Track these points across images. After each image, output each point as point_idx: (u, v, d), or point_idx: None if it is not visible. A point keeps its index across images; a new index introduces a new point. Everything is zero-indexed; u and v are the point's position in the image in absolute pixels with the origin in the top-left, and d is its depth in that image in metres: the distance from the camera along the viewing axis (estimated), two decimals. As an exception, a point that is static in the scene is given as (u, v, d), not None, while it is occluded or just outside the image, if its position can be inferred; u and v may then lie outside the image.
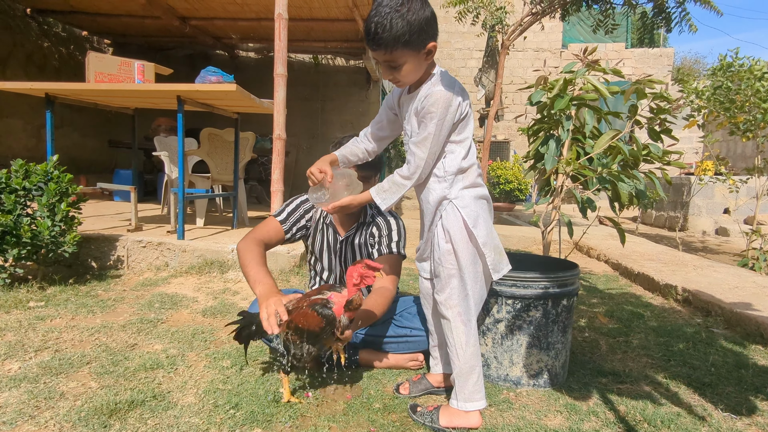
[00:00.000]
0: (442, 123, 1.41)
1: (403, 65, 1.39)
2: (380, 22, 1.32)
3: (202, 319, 2.40)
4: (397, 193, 1.49)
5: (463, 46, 12.56)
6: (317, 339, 1.51)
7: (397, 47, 1.35)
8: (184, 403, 1.54)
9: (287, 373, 1.59)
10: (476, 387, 1.50)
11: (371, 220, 1.97)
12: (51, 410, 1.46)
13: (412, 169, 1.46)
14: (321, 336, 1.50)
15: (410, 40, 1.34)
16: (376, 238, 1.93)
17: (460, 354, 1.49)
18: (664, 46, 12.88)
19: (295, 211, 1.96)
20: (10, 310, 2.35)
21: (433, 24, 1.38)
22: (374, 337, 1.93)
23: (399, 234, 1.94)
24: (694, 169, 7.92)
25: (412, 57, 1.38)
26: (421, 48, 1.37)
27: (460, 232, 1.46)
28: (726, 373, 1.93)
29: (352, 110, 8.50)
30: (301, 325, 1.49)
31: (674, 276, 3.29)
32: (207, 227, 4.02)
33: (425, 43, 1.37)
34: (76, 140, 7.00)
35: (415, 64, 1.40)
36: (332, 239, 1.98)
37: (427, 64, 1.44)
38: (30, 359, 1.82)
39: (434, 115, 1.40)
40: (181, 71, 5.48)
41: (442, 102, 1.40)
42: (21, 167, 2.69)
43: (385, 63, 1.41)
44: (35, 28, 6.39)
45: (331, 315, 1.47)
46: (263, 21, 5.99)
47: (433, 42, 1.39)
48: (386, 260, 1.87)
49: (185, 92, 3.22)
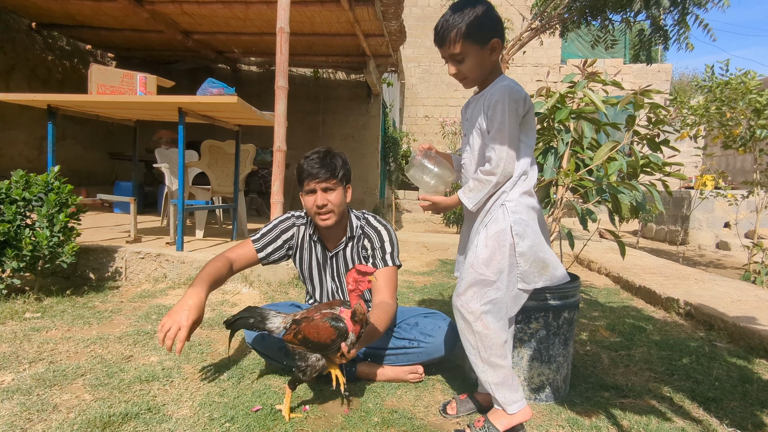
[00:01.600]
0: (511, 111, 1.42)
1: (467, 59, 1.46)
2: (446, 19, 1.46)
3: (199, 331, 2.37)
4: (482, 190, 1.47)
5: (463, 61, 12.67)
6: (326, 352, 1.49)
7: (460, 40, 1.44)
8: (179, 416, 1.52)
9: (293, 388, 1.56)
10: (512, 388, 1.48)
11: (360, 233, 1.94)
12: (43, 423, 1.44)
13: (494, 161, 1.44)
14: (330, 348, 1.48)
15: (472, 33, 1.43)
16: (369, 251, 1.92)
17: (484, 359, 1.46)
18: (662, 62, 13.00)
19: (271, 232, 1.94)
20: (6, 321, 2.33)
21: (495, 22, 1.46)
22: (373, 349, 1.91)
23: (392, 244, 1.92)
24: (693, 183, 7.93)
25: (475, 51, 1.45)
26: (484, 43, 1.45)
27: (503, 239, 1.45)
28: (730, 387, 1.91)
29: (352, 124, 8.54)
30: (312, 337, 1.47)
31: (676, 289, 3.26)
32: (206, 239, 4.01)
33: (488, 38, 1.45)
34: (77, 152, 7.03)
35: (479, 59, 1.47)
36: (321, 255, 1.96)
37: (492, 63, 1.50)
38: (24, 371, 1.79)
39: (500, 102, 1.42)
40: (183, 84, 5.54)
41: (507, 91, 1.43)
42: (21, 178, 2.69)
43: (451, 57, 1.49)
44: (40, 42, 6.47)
45: (344, 328, 1.46)
46: (265, 35, 6.05)
47: (496, 38, 1.46)
48: (383, 273, 1.86)
49: (187, 104, 3.24)
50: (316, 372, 1.52)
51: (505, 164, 1.43)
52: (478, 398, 1.69)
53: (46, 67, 6.55)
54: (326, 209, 1.81)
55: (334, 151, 1.86)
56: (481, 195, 1.47)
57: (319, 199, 1.80)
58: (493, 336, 1.45)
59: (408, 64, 12.54)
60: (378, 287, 1.84)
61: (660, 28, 4.72)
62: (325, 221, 1.83)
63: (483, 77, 1.52)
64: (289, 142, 3.76)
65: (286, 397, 1.55)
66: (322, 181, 1.79)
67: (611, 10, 4.27)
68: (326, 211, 1.82)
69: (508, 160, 1.43)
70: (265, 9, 5.13)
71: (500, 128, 1.43)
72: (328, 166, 1.80)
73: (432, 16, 12.59)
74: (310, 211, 1.85)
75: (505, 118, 1.42)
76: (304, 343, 1.50)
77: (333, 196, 1.82)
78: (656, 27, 4.79)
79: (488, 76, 1.52)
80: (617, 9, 4.19)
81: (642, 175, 2.00)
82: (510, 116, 1.42)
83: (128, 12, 5.35)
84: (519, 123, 1.46)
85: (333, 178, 1.81)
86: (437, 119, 12.28)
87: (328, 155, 1.83)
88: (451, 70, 1.51)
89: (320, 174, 1.78)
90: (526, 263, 1.45)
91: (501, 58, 1.54)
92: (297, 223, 1.97)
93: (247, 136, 5.14)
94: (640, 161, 1.91)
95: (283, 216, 1.99)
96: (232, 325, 1.64)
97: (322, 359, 1.51)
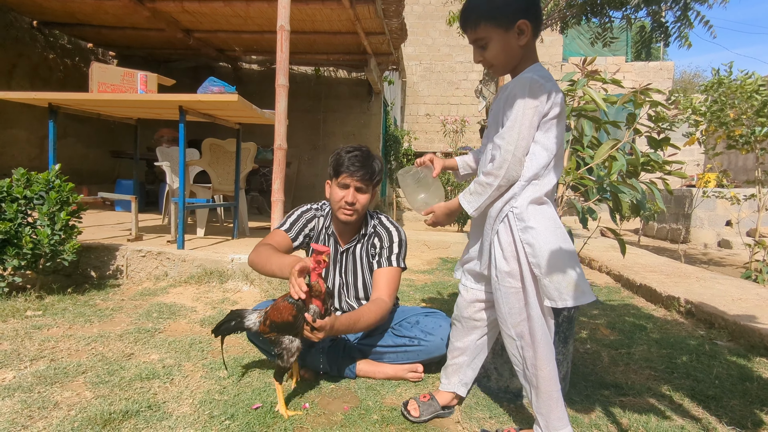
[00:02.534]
0: (527, 108, 1.27)
1: (490, 43, 1.33)
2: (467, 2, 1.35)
3: (200, 329, 2.38)
4: (483, 194, 1.35)
5: (465, 59, 12.66)
6: (294, 329, 1.53)
7: (481, 22, 1.32)
8: (179, 414, 1.52)
9: (280, 381, 1.57)
10: (562, 413, 1.35)
11: (373, 231, 1.97)
12: (44, 420, 1.44)
13: (497, 163, 1.30)
14: (296, 325, 1.52)
15: (494, 15, 1.31)
16: (377, 249, 1.94)
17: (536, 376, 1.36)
18: (664, 60, 12.95)
19: (298, 221, 1.97)
20: (7, 319, 2.34)
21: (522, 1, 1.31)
22: (370, 346, 1.91)
23: (400, 246, 1.94)
24: (695, 181, 7.91)
25: (499, 35, 1.32)
26: (509, 26, 1.31)
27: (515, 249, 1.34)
28: (730, 385, 1.90)
29: (353, 122, 8.54)
30: (277, 318, 1.54)
31: (677, 288, 3.26)
32: (207, 237, 4.01)
33: (513, 20, 1.30)
34: (79, 151, 7.04)
35: (503, 44, 1.33)
36: (332, 250, 1.98)
37: (520, 49, 1.34)
38: (25, 368, 1.80)
39: (517, 97, 1.28)
40: (184, 83, 5.53)
41: (528, 84, 1.28)
42: (23, 176, 2.70)
43: (474, 43, 1.37)
44: (41, 41, 6.47)
45: (300, 301, 1.50)
46: (266, 33, 6.05)
47: (523, 19, 1.30)
48: (385, 273, 1.88)
49: (187, 102, 3.24)
50: (293, 355, 1.56)
51: (509, 167, 1.30)
52: (439, 398, 1.62)
53: (47, 65, 6.55)
54: (353, 207, 1.84)
55: (373, 154, 1.89)
56: (482, 199, 1.36)
57: (350, 196, 1.83)
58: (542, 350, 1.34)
59: (409, 62, 12.52)
60: (378, 285, 1.86)
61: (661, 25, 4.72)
62: (348, 217, 1.86)
63: (511, 64, 1.37)
64: (290, 141, 3.76)
65: (278, 392, 1.56)
66: (359, 180, 1.82)
67: (611, 7, 4.25)
68: (353, 209, 1.85)
69: (513, 163, 1.29)
70: (266, 7, 5.12)
71: (511, 126, 1.29)
72: (369, 168, 1.83)
73: (433, 14, 12.57)
74: (335, 203, 1.87)
75: (518, 114, 1.28)
76: (272, 328, 1.56)
77: (363, 197, 1.86)
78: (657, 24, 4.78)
79: (519, 64, 1.37)
80: (618, 6, 4.17)
81: (643, 173, 2.00)
82: (525, 113, 1.27)
83: (129, 10, 5.35)
84: (538, 121, 1.30)
85: (370, 181, 1.85)
86: (438, 117, 12.26)
87: (370, 157, 1.86)
88: (476, 57, 1.39)
89: (359, 174, 1.81)
90: (544, 276, 1.30)
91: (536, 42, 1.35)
92: (317, 215, 2.00)
93: (248, 134, 5.15)
94: (641, 159, 1.90)
95: (304, 207, 2.01)
96: (218, 332, 1.70)
97: (294, 339, 1.55)
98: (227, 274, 3.17)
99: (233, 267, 3.17)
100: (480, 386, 1.83)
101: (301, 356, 1.82)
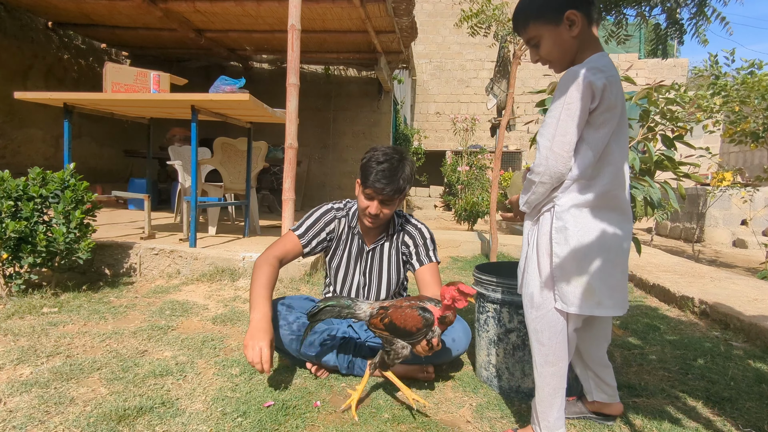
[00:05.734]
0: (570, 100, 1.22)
1: (542, 41, 1.33)
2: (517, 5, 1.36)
3: (212, 326, 2.40)
4: (527, 190, 1.33)
5: (475, 57, 12.61)
6: (411, 339, 1.54)
7: (530, 21, 1.33)
8: (192, 411, 1.54)
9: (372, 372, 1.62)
10: (559, 414, 1.37)
11: (401, 229, 1.99)
12: (60, 415, 1.47)
13: (538, 160, 1.27)
14: (415, 337, 1.53)
15: (541, 12, 1.31)
16: (411, 248, 1.96)
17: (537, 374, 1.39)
18: (677, 57, 12.77)
19: (315, 225, 1.95)
20: (24, 315, 2.38)
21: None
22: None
23: (433, 242, 1.98)
24: (710, 179, 7.79)
25: (549, 30, 1.31)
26: (557, 19, 1.29)
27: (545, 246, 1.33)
28: (746, 387, 1.88)
29: (363, 120, 8.55)
30: (399, 323, 1.53)
31: (691, 288, 3.22)
32: (219, 235, 4.05)
33: (561, 12, 1.28)
34: (93, 150, 7.14)
35: (555, 39, 1.31)
36: (357, 248, 1.98)
37: (574, 40, 1.31)
38: (42, 364, 1.83)
39: (561, 88, 1.24)
40: (196, 82, 5.58)
41: (573, 76, 1.23)
42: (38, 175, 2.74)
43: (528, 43, 1.37)
44: (56, 41, 6.57)
45: (431, 318, 1.51)
46: (277, 33, 6.08)
47: (571, 10, 1.27)
48: (429, 270, 1.92)
49: (199, 102, 3.26)
50: (400, 359, 1.57)
51: (549, 163, 1.25)
52: (586, 405, 1.60)
53: (62, 65, 6.65)
54: (377, 218, 1.84)
55: (405, 160, 1.82)
56: (527, 195, 1.35)
57: (374, 208, 1.81)
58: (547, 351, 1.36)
59: (419, 61, 12.50)
60: (427, 283, 1.89)
61: (676, 22, 4.64)
62: (370, 225, 1.87)
63: (569, 57, 1.33)
64: (301, 139, 3.78)
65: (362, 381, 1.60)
66: (384, 195, 1.79)
67: (626, 5, 4.21)
68: (376, 220, 1.85)
69: (552, 159, 1.24)
70: (277, 6, 5.14)
71: (550, 121, 1.25)
72: (395, 186, 1.78)
73: (443, 12, 12.53)
74: (360, 209, 1.87)
75: (560, 108, 1.23)
76: (389, 328, 1.56)
77: (388, 210, 1.84)
78: (672, 21, 4.71)
79: (578, 55, 1.32)
80: (632, 3, 4.14)
81: (658, 171, 1.97)
82: (568, 107, 1.22)
83: (142, 11, 5.41)
84: (584, 116, 1.23)
85: (395, 196, 1.81)
86: (449, 116, 12.22)
87: (399, 170, 1.78)
88: (532, 57, 1.38)
89: (384, 191, 1.77)
90: (562, 279, 1.29)
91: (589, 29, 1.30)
92: (338, 216, 1.99)
93: (259, 133, 5.17)
94: (654, 158, 1.88)
95: (323, 208, 1.99)
96: (316, 316, 1.67)
97: (407, 347, 1.55)
98: (239, 272, 3.19)
99: (244, 265, 3.20)
100: (492, 386, 1.83)
101: (314, 354, 1.83)
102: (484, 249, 5.10)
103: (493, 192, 4.06)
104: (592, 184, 1.28)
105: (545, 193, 1.31)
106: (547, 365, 1.37)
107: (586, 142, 1.26)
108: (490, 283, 1.80)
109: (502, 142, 4.35)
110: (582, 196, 1.28)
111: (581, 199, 1.28)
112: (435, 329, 1.52)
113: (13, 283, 2.65)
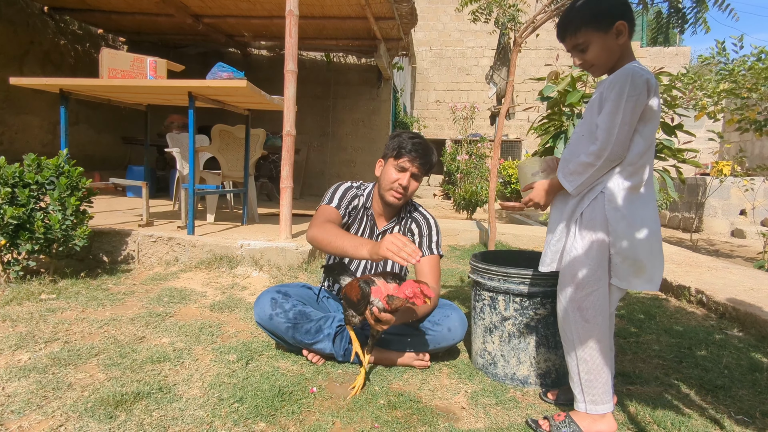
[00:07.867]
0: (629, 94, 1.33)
1: (590, 46, 1.43)
2: (568, 10, 1.46)
3: (210, 313, 2.41)
4: (584, 174, 1.40)
5: (476, 45, 12.49)
6: (356, 309, 1.62)
7: (582, 27, 1.42)
8: (189, 396, 1.55)
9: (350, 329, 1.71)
10: (606, 388, 1.43)
11: (409, 216, 2.01)
12: (58, 400, 1.48)
13: (599, 144, 1.36)
14: (358, 307, 1.60)
15: (597, 19, 1.40)
16: (416, 236, 1.97)
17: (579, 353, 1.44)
18: (680, 45, 12.66)
19: (344, 197, 1.98)
20: (23, 302, 2.39)
21: (619, 4, 1.42)
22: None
23: (437, 234, 2.00)
24: (709, 169, 7.78)
25: (599, 37, 1.41)
26: (608, 28, 1.40)
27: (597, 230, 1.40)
28: (740, 375, 1.89)
29: (363, 108, 8.50)
30: (349, 294, 1.66)
31: (688, 277, 3.23)
32: (217, 223, 4.04)
33: (612, 22, 1.39)
34: (91, 137, 7.10)
35: (603, 45, 1.42)
36: (369, 231, 2.00)
37: (620, 49, 1.43)
38: (40, 350, 1.84)
39: (618, 83, 1.35)
40: (194, 69, 5.53)
41: (629, 73, 1.35)
42: (33, 161, 2.73)
43: (574, 48, 1.46)
44: (52, 26, 6.49)
45: (368, 292, 1.57)
46: (275, 19, 6.01)
47: (621, 21, 1.39)
48: (429, 261, 1.92)
49: (196, 88, 3.24)
50: (351, 324, 1.69)
51: (614, 147, 1.35)
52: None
53: (58, 51, 6.58)
54: (405, 192, 1.88)
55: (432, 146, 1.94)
56: (583, 178, 1.40)
57: (405, 180, 1.87)
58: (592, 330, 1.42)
59: (419, 48, 12.38)
60: (424, 274, 1.89)
61: (678, 10, 4.59)
62: (396, 200, 1.90)
63: (611, 63, 1.45)
64: (299, 127, 3.76)
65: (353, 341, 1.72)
66: (418, 167, 1.87)
67: (628, -8, 4.18)
68: (403, 194, 1.89)
69: (617, 144, 1.35)
70: (275, -9, 5.08)
71: (613, 110, 1.35)
72: (428, 158, 1.89)
73: (444, -1, 12.38)
74: (387, 183, 1.89)
75: (621, 101, 1.33)
76: (343, 298, 1.70)
77: (414, 185, 1.91)
78: (674, 9, 4.66)
79: (617, 62, 1.45)
80: (634, -10, 4.08)
81: (655, 160, 1.97)
82: (628, 101, 1.33)
83: (138, -5, 5.34)
84: (640, 110, 1.35)
85: (426, 171, 1.91)
86: (448, 104, 12.15)
87: (430, 148, 1.91)
88: (575, 60, 1.48)
89: (420, 161, 1.86)
90: (619, 258, 1.39)
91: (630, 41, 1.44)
92: (358, 193, 2.01)
93: (257, 120, 5.14)
94: (653, 146, 1.87)
95: (344, 185, 2.01)
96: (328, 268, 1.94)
97: (356, 316, 1.65)
98: (237, 259, 3.19)
99: (243, 253, 3.20)
100: (487, 373, 1.84)
101: (310, 342, 1.84)
102: (483, 238, 5.11)
103: (492, 181, 4.05)
104: (637, 171, 1.40)
105: (598, 176, 1.41)
106: (594, 341, 1.42)
107: (639, 134, 1.39)
108: (486, 271, 1.80)
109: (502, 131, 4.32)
110: (630, 181, 1.40)
111: (630, 183, 1.40)
112: (374, 300, 1.56)
113: (11, 269, 2.66)
